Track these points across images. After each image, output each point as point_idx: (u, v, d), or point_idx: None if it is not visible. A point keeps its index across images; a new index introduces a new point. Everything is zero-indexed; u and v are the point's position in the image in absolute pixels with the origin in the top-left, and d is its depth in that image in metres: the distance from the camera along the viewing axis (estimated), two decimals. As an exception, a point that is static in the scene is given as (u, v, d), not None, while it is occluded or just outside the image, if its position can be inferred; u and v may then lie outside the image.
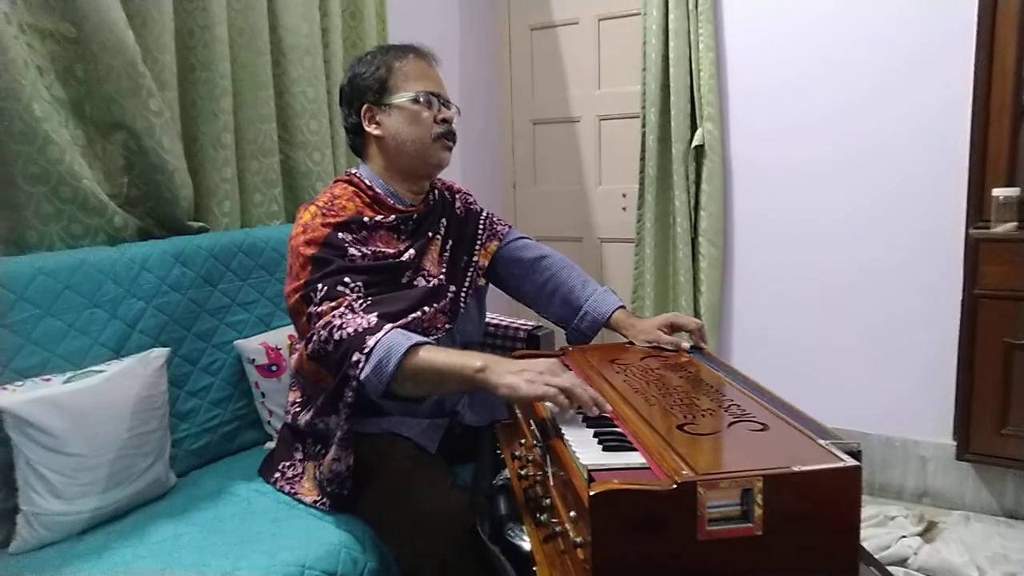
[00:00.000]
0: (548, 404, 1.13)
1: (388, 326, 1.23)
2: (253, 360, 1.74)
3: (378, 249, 1.40)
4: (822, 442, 0.92)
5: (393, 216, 1.44)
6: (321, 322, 1.26)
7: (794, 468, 0.84)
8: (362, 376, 1.19)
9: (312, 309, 1.29)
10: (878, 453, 2.39)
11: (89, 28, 1.60)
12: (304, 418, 1.43)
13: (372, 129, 1.46)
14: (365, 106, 1.46)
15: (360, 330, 1.22)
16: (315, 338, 1.26)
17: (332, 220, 1.36)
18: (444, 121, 1.47)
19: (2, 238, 1.51)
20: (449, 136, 1.47)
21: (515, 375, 1.13)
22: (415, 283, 1.43)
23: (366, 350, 1.19)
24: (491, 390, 1.15)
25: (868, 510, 2.14)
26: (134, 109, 1.66)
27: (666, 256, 2.71)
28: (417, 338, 1.22)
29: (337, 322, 1.24)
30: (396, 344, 1.19)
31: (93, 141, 1.68)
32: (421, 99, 1.44)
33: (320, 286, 1.29)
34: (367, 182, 1.46)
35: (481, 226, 1.64)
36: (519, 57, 3.17)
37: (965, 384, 2.08)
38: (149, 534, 1.34)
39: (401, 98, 1.44)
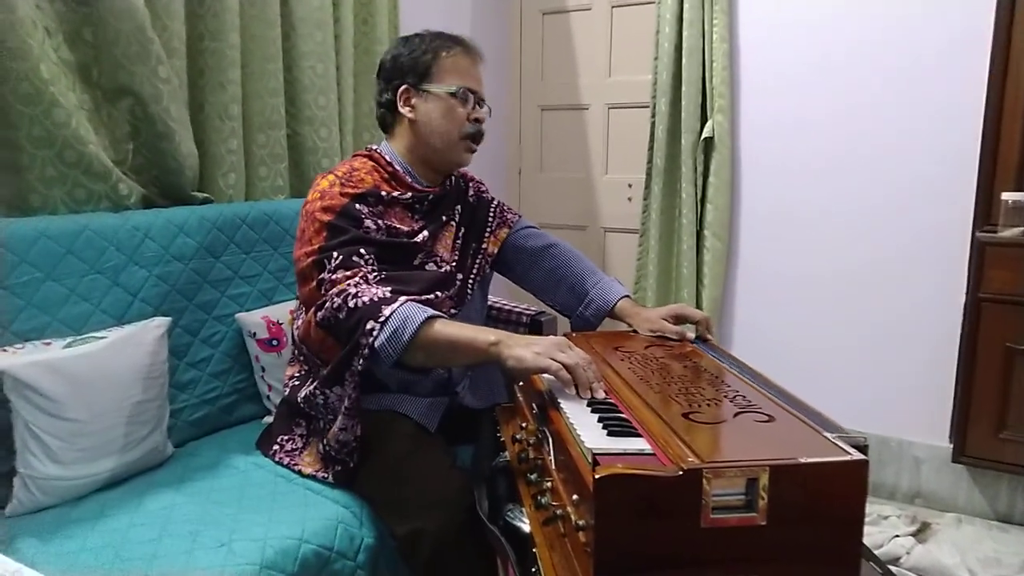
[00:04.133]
0: (547, 377, 1.14)
1: (403, 298, 1.25)
2: (254, 334, 1.74)
3: (393, 225, 1.40)
4: (828, 435, 0.92)
5: (410, 194, 1.44)
6: (335, 289, 1.26)
7: (801, 460, 0.84)
8: (376, 344, 1.20)
9: (325, 276, 1.29)
10: (873, 452, 2.34)
11: (99, -10, 1.58)
12: (305, 391, 1.42)
13: (406, 112, 1.46)
14: (404, 86, 1.46)
15: (376, 299, 1.23)
16: (328, 305, 1.27)
17: (351, 191, 1.37)
18: (476, 121, 1.47)
19: (5, 200, 1.50)
20: (476, 137, 1.49)
21: (524, 348, 1.15)
22: (427, 267, 1.44)
23: (381, 319, 1.21)
24: (501, 363, 1.17)
25: (861, 508, 2.15)
26: (142, 75, 1.64)
27: (670, 248, 2.70)
28: (432, 311, 1.24)
29: (353, 291, 1.25)
30: (412, 315, 1.21)
31: (100, 106, 1.66)
32: (459, 94, 1.44)
33: (335, 254, 1.29)
34: (387, 158, 1.47)
35: (491, 214, 1.64)
36: (529, 41, 3.14)
37: (964, 387, 2.08)
38: (145, 502, 1.34)
39: (440, 88, 1.44)
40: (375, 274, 1.30)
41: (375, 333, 1.20)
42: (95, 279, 1.50)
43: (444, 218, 1.50)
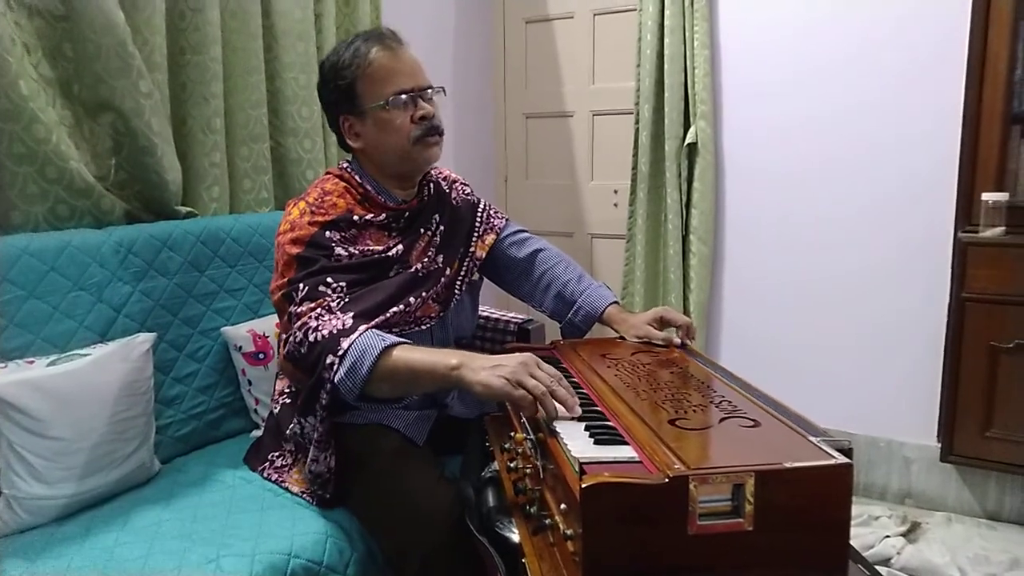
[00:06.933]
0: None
1: (363, 327, 1.21)
2: (240, 347, 1.73)
3: (367, 247, 1.37)
4: (813, 439, 0.92)
5: (384, 215, 1.42)
6: (299, 323, 1.25)
7: (786, 464, 0.84)
8: (336, 379, 1.18)
9: (292, 309, 1.28)
10: (863, 453, 2.40)
11: (78, 6, 1.57)
12: (289, 423, 1.39)
13: (352, 142, 1.43)
14: (342, 117, 1.42)
15: (335, 332, 1.20)
16: (291, 339, 1.25)
17: (320, 219, 1.34)
18: (423, 119, 1.39)
19: (-14, 218, 1.49)
20: (431, 133, 1.40)
21: (489, 371, 1.09)
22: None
23: (339, 352, 1.18)
24: (467, 388, 1.12)
25: (852, 510, 2.16)
26: (123, 90, 1.63)
27: (656, 253, 2.71)
28: (392, 339, 1.20)
29: (313, 324, 1.22)
30: (370, 346, 1.18)
31: (81, 122, 1.65)
32: (391, 104, 1.37)
33: (302, 286, 1.28)
34: (358, 178, 1.43)
35: (478, 218, 1.61)
36: (513, 50, 3.15)
37: (951, 386, 2.09)
38: (132, 520, 1.33)
39: (373, 105, 1.38)
40: (340, 301, 1.27)
41: (335, 368, 1.18)
42: (79, 296, 1.49)
43: (422, 230, 1.48)
